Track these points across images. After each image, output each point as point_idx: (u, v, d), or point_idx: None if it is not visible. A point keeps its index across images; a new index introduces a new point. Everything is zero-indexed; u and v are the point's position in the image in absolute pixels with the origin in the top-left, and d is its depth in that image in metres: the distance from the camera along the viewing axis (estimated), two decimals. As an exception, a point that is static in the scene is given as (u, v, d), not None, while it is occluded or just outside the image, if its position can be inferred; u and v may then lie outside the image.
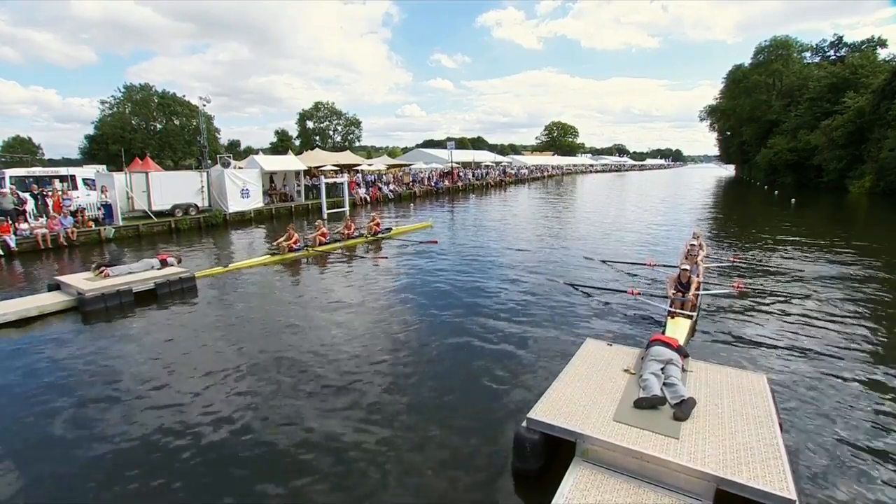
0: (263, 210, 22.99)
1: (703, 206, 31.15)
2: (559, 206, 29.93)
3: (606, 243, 15.98)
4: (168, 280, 9.65)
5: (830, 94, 42.63)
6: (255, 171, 23.01)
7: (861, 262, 12.64)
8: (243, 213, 21.82)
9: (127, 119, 59.74)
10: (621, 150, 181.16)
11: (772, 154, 48.08)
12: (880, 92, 35.14)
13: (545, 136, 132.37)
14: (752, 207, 30.70)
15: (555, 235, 18.05)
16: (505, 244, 16.02)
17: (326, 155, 41.24)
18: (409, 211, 26.30)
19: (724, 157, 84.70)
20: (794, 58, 54.08)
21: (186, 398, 5.51)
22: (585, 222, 21.87)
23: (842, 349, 6.81)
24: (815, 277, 10.98)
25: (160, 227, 18.61)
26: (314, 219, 22.93)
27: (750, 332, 7.46)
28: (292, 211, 24.37)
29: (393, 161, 48.66)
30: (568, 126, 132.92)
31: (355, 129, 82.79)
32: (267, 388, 5.71)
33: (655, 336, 4.98)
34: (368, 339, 7.27)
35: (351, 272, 11.75)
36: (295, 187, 26.53)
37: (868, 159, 35.96)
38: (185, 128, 62.62)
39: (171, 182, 20.04)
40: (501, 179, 50.87)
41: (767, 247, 15.04)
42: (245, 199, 21.96)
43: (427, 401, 5.40)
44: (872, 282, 10.55)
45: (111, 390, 5.74)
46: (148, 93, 61.57)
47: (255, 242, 16.94)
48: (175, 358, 6.67)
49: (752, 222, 21.96)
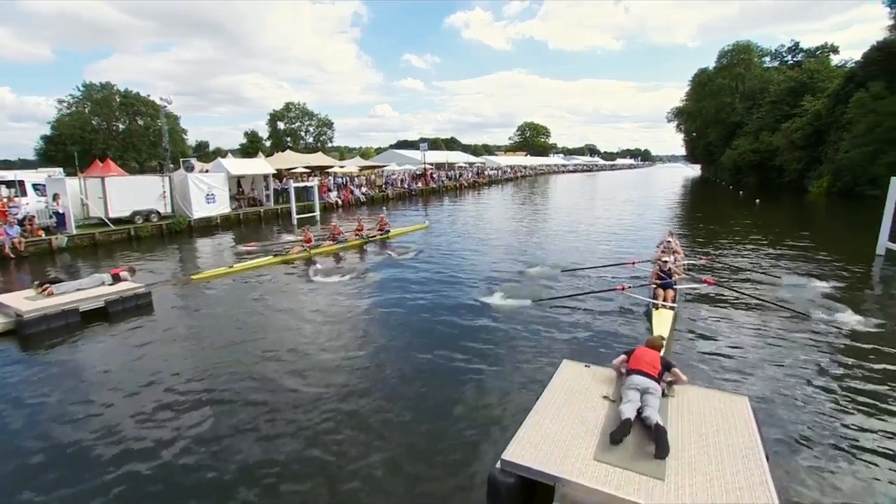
0: (231, 215, 22.10)
1: (674, 207, 31.67)
2: (536, 208, 29.91)
3: (588, 245, 16.28)
4: (121, 297, 8.96)
5: (790, 97, 43.96)
6: (221, 175, 22.11)
7: (819, 259, 13.13)
8: (209, 218, 20.90)
9: (87, 119, 57.00)
10: (593, 150, 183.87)
11: (736, 155, 49.32)
12: (835, 96, 36.40)
13: (518, 136, 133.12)
14: (720, 208, 31.33)
15: (535, 239, 17.98)
16: (484, 248, 15.83)
17: (298, 156, 40.18)
18: (365, 216, 25.73)
19: (691, 157, 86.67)
20: (755, 62, 55.68)
21: (132, 437, 4.98)
22: (565, 225, 21.88)
23: (803, 341, 7.42)
24: (779, 273, 11.65)
25: (119, 235, 17.60)
26: (285, 224, 22.35)
27: (723, 324, 8.20)
28: (261, 216, 23.54)
29: (366, 162, 47.84)
30: (540, 126, 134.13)
31: (327, 130, 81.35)
32: (225, 423, 5.23)
33: (634, 362, 4.73)
34: (334, 364, 6.82)
35: (327, 281, 11.26)
36: (264, 191, 25.66)
37: (825, 160, 37.13)
38: (149, 128, 60.13)
39: (130, 187, 19.00)
40: (475, 180, 50.71)
41: (735, 246, 15.53)
42: (211, 204, 21.05)
43: (394, 436, 5.01)
44: (830, 278, 10.78)
45: (46, 430, 5.15)
46: (109, 92, 58.89)
47: (222, 249, 16.20)
48: (124, 387, 6.10)
49: (720, 223, 22.29)
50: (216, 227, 20.80)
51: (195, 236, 18.98)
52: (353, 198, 30.84)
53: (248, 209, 23.82)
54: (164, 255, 15.49)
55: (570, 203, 33.67)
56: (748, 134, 49.11)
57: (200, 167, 29.62)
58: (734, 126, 54.38)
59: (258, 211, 23.76)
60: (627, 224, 21.68)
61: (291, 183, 23.64)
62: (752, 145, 47.25)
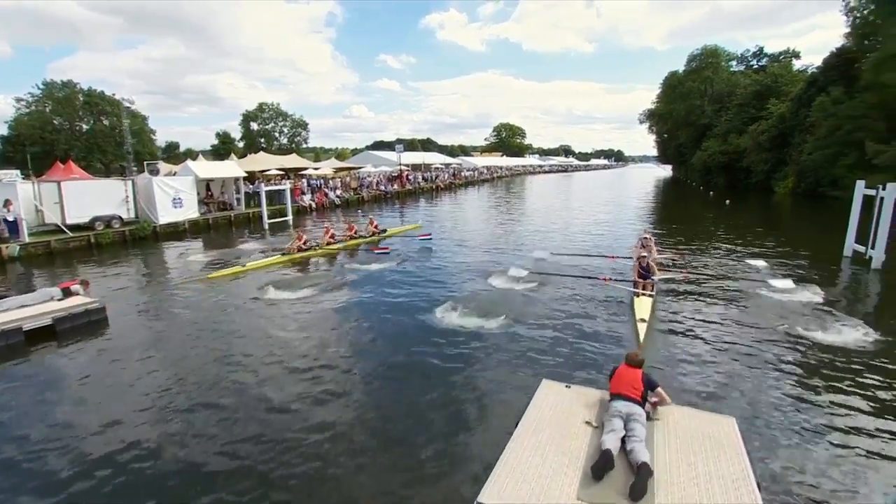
0: (199, 220, 21.23)
1: (648, 208, 32.06)
2: (514, 209, 29.81)
3: (570, 242, 16.71)
4: (71, 313, 8.29)
5: (755, 100, 45.18)
6: (188, 178, 21.20)
7: (789, 259, 13.50)
8: (176, 224, 20.01)
9: (48, 118, 54.42)
10: (567, 151, 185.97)
11: (706, 156, 50.46)
12: (798, 100, 37.54)
13: (494, 136, 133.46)
14: (693, 209, 31.82)
15: (516, 238, 18.01)
16: (465, 250, 15.66)
17: (271, 158, 39.11)
18: (357, 218, 25.17)
19: (663, 158, 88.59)
20: (722, 66, 57.11)
21: (71, 481, 4.47)
22: (545, 224, 21.85)
23: (771, 338, 7.80)
24: (752, 272, 12.10)
25: (77, 242, 16.64)
26: (256, 228, 21.58)
27: (698, 314, 8.99)
28: (231, 220, 22.70)
29: (341, 164, 47.01)
30: (516, 127, 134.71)
31: (302, 131, 79.89)
32: (179, 459, 4.76)
33: (616, 384, 4.48)
34: (301, 388, 6.40)
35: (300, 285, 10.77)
36: (234, 195, 24.79)
37: (790, 162, 38.26)
38: (115, 128, 57.80)
39: (89, 192, 18.00)
40: (452, 182, 50.44)
41: (710, 248, 15.79)
42: (178, 208, 20.16)
43: (362, 478, 4.66)
44: (800, 278, 10.83)
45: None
46: (72, 90, 56.37)
47: (190, 256, 15.47)
48: (67, 419, 5.55)
49: (693, 224, 22.57)
50: (184, 233, 19.92)
51: (161, 243, 18.10)
52: (328, 201, 30.15)
53: (217, 213, 22.94)
54: (127, 263, 14.68)
55: (546, 204, 33.68)
56: (717, 136, 50.29)
57: (168, 169, 28.51)
58: (704, 128, 55.63)
59: (228, 215, 22.90)
60: (604, 226, 21.69)
61: (263, 186, 22.85)
62: (720, 147, 48.41)
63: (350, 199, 32.58)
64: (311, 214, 27.29)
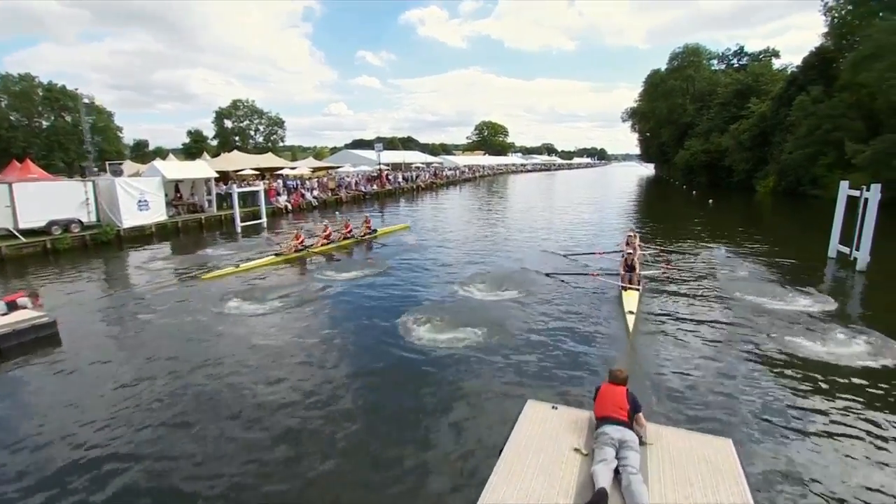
0: (168, 224, 20.50)
1: (633, 209, 32.26)
2: (497, 210, 29.64)
3: (555, 244, 16.85)
4: (15, 329, 7.74)
5: (737, 99, 45.98)
6: (155, 179, 20.44)
7: (775, 260, 13.71)
8: (142, 227, 19.24)
9: (3, 114, 52.32)
10: (550, 150, 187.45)
11: (688, 155, 51.13)
12: (778, 99, 38.29)
13: (476, 135, 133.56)
14: (677, 209, 32.13)
15: (500, 239, 17.99)
16: (448, 252, 15.47)
17: (246, 157, 38.40)
18: (336, 220, 24.67)
19: (645, 156, 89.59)
20: (703, 64, 58.07)
21: None
22: (528, 226, 21.72)
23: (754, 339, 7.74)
24: (738, 272, 12.45)
25: (31, 248, 15.84)
26: (229, 231, 20.93)
27: (684, 310, 9.54)
28: (202, 224, 21.99)
29: (319, 163, 46.32)
30: (498, 125, 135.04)
31: (278, 129, 78.57)
32: (134, 487, 4.37)
33: (601, 406, 4.24)
34: (267, 409, 6.03)
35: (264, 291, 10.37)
36: (205, 196, 24.05)
37: (771, 161, 39.02)
38: (77, 125, 55.83)
39: (46, 194, 17.18)
40: (433, 181, 50.12)
41: (695, 249, 15.98)
42: (144, 211, 19.41)
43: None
44: (786, 281, 10.87)
45: None
46: (30, 83, 54.28)
47: (156, 261, 14.87)
48: (10, 445, 5.08)
49: (678, 224, 22.64)
50: (150, 237, 19.16)
51: (126, 248, 17.38)
52: (304, 202, 29.52)
53: (187, 216, 22.21)
54: (86, 271, 13.95)
55: (529, 204, 33.59)
56: (699, 135, 51.04)
57: (135, 169, 27.62)
58: (686, 126, 56.41)
59: (199, 218, 22.18)
60: (588, 227, 21.63)
61: (235, 187, 22.20)
62: (702, 146, 49.13)
63: (328, 200, 32.02)
64: (287, 216, 26.66)
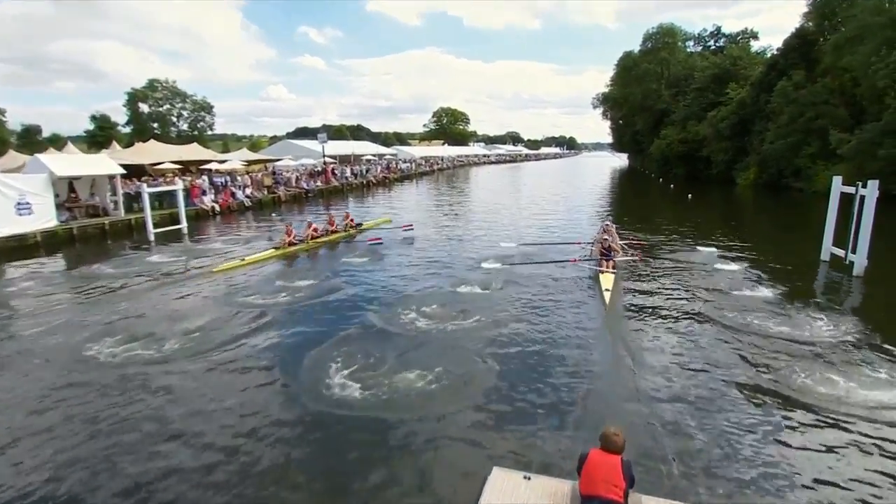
0: (59, 231, 18.76)
1: (606, 203, 32.70)
2: (458, 208, 29.16)
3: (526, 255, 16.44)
4: None
5: (714, 84, 47.72)
6: (40, 176, 18.62)
7: (763, 264, 13.92)
8: (23, 236, 17.50)
9: None
10: (515, 139, 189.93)
11: (664, 145, 52.69)
12: (758, 84, 39.89)
13: (434, 123, 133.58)
14: (654, 204, 32.81)
15: (462, 239, 17.96)
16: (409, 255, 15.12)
17: (165, 148, 36.51)
18: (273, 223, 23.49)
19: (618, 145, 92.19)
20: (679, 46, 60.08)
21: None
22: (494, 228, 21.20)
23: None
24: (727, 279, 12.37)
25: None
26: (140, 239, 19.32)
27: (655, 291, 11.38)
28: (106, 230, 20.29)
29: (254, 155, 44.56)
30: (458, 112, 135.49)
31: (206, 115, 75.68)
32: None
33: (587, 481, 3.72)
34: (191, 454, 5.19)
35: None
36: (109, 196, 22.29)
37: (752, 151, 40.60)
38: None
39: None
40: (385, 176, 49.27)
41: (673, 243, 16.96)
42: (25, 216, 17.65)
43: None
44: (776, 287, 11.10)
45: None
46: None
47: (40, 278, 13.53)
48: None
49: (656, 221, 22.66)
50: (35, 248, 17.39)
51: (2, 262, 15.70)
52: (235, 202, 28.00)
53: (86, 222, 20.41)
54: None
55: (494, 200, 33.30)
56: (675, 123, 52.67)
57: (20, 161, 25.27)
58: (661, 114, 58.19)
59: (101, 224, 20.45)
60: (561, 231, 21.43)
61: (144, 186, 20.65)
62: (679, 135, 50.72)
63: (263, 199, 30.57)
64: (216, 219, 25.10)
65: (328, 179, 38.74)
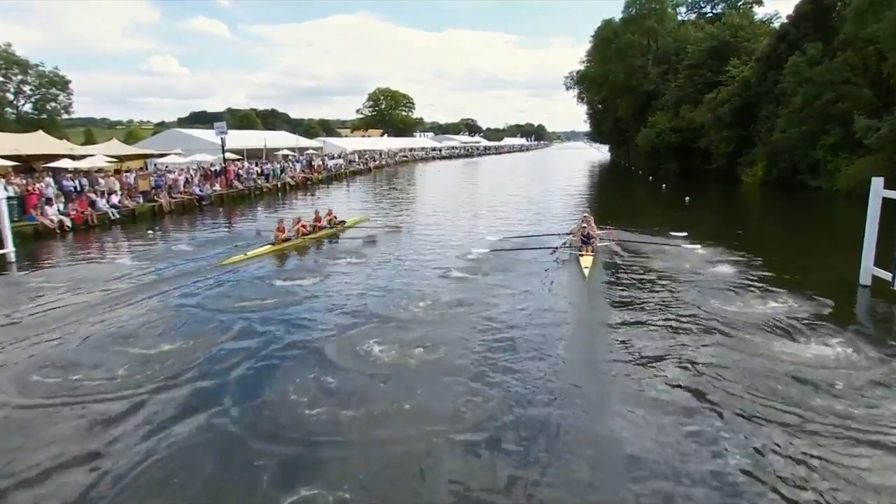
0: None
1: (584, 208, 31.79)
2: (408, 216, 27.62)
3: None
4: None
5: (712, 60, 48.52)
6: None
7: (779, 282, 13.00)
8: None
9: None
10: (472, 127, 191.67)
11: (653, 135, 53.14)
12: (765, 60, 40.57)
13: (370, 108, 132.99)
14: (644, 210, 32.16)
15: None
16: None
17: (-1, 138, 33.59)
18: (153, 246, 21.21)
19: (597, 134, 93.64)
20: (669, 13, 61.24)
21: None
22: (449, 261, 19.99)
23: None
24: (720, 297, 12.23)
25: None
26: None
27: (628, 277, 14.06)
28: None
29: (129, 149, 41.81)
30: (399, 94, 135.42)
31: (59, 93, 71.35)
32: None
33: None
34: None
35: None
36: None
37: (759, 142, 41.20)
38: None
39: None
40: (306, 177, 47.41)
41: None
42: None
43: None
44: (795, 313, 9.92)
45: None
46: None
47: None
48: None
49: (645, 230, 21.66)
50: None
51: None
52: (96, 214, 25.27)
53: None
54: None
55: (450, 210, 32.11)
56: (665, 107, 53.34)
57: None
58: (648, 96, 59.08)
59: None
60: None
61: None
62: (671, 122, 51.28)
63: (138, 210, 27.95)
64: (65, 239, 22.45)
65: (229, 181, 36.48)
